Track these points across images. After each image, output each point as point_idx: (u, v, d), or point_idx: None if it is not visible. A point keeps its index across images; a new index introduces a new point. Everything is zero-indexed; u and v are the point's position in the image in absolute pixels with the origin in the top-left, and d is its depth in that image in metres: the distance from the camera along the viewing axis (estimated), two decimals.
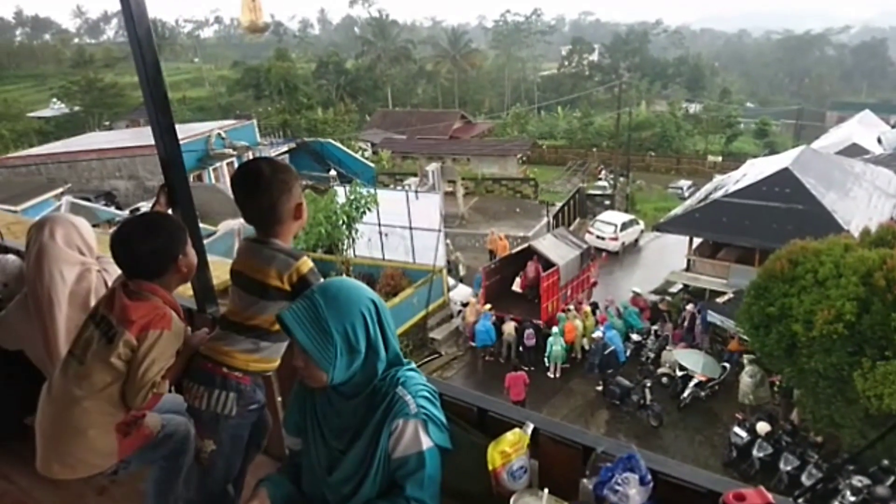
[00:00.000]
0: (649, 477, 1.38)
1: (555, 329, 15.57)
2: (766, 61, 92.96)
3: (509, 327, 16.19)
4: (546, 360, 15.61)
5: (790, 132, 51.20)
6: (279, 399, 2.51)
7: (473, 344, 16.96)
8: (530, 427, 1.63)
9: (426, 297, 17.19)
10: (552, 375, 15.64)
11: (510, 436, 1.60)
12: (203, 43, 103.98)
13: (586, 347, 15.96)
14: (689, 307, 17.23)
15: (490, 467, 1.57)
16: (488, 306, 16.72)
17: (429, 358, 17.03)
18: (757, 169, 21.88)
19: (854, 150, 29.68)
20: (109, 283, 2.56)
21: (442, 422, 1.64)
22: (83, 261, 2.58)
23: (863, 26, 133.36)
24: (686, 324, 16.84)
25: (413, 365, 1.72)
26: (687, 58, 76.25)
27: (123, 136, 32.21)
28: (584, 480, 1.46)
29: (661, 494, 1.43)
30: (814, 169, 19.99)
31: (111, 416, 2.01)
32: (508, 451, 1.58)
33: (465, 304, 18.34)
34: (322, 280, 1.89)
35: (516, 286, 18.10)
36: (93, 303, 2.49)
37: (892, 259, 10.32)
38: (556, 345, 15.34)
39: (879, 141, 34.83)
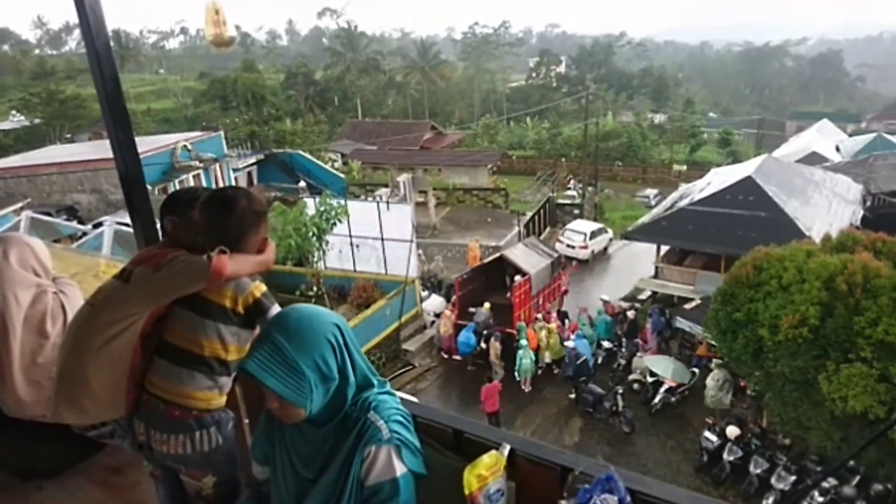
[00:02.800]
0: (628, 498, 1.35)
1: (523, 342, 15.48)
2: (728, 73, 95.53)
3: (495, 347, 15.76)
4: (516, 373, 15.47)
5: (752, 141, 52.49)
6: (246, 421, 2.43)
7: (448, 356, 16.86)
8: (507, 448, 1.60)
9: (399, 309, 17.10)
10: (524, 388, 15.62)
11: (486, 458, 1.56)
12: (168, 54, 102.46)
13: (547, 360, 15.88)
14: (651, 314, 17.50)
15: (466, 491, 1.53)
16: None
17: (402, 370, 16.93)
18: (721, 177, 22.34)
19: (814, 159, 30.56)
20: (67, 305, 2.47)
21: (416, 446, 1.59)
22: (38, 283, 2.47)
23: (819, 38, 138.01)
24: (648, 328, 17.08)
25: (387, 386, 1.68)
26: (651, 69, 77.83)
27: (85, 148, 31.44)
28: (563, 502, 1.42)
29: None
30: (775, 177, 20.49)
31: (120, 366, 1.98)
32: (485, 474, 1.54)
33: (437, 315, 18.29)
34: (274, 309, 1.86)
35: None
36: (48, 326, 2.40)
37: (852, 264, 10.60)
38: (525, 358, 15.29)
39: (838, 149, 35.94)
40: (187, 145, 28.44)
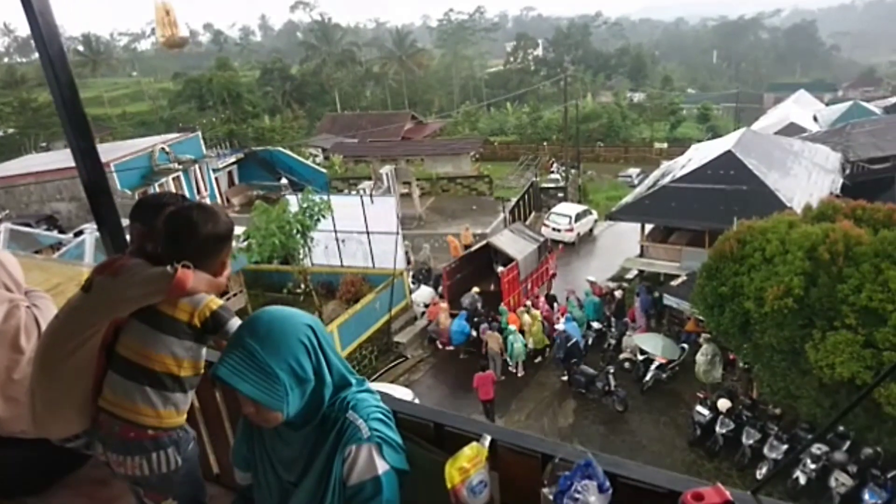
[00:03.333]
0: (608, 484, 1.35)
1: (511, 327, 15.57)
2: (704, 48, 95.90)
3: (496, 338, 15.73)
4: (508, 357, 15.60)
5: (731, 115, 52.81)
6: (228, 427, 2.41)
7: (443, 346, 16.89)
8: (487, 439, 1.59)
9: (388, 301, 17.09)
10: (515, 371, 15.69)
11: (468, 450, 1.55)
12: (141, 56, 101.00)
13: (529, 346, 15.80)
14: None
15: (448, 485, 1.52)
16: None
17: (395, 362, 16.95)
18: (701, 153, 22.46)
19: (792, 130, 30.80)
20: (41, 319, 2.43)
21: (397, 443, 1.58)
22: (11, 297, 2.43)
23: (793, 9, 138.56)
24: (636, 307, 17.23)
25: (365, 384, 1.66)
26: (628, 48, 77.97)
27: (62, 156, 30.92)
28: (545, 490, 1.42)
29: (622, 497, 1.41)
30: (755, 150, 20.62)
31: (86, 377, 1.94)
32: (467, 466, 1.53)
33: (427, 306, 18.30)
34: (233, 321, 1.84)
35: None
36: (22, 341, 2.35)
37: (834, 233, 10.72)
38: (515, 342, 15.37)
39: (815, 119, 36.23)
40: (165, 148, 28.12)
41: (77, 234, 19.90)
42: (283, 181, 30.68)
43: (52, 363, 1.92)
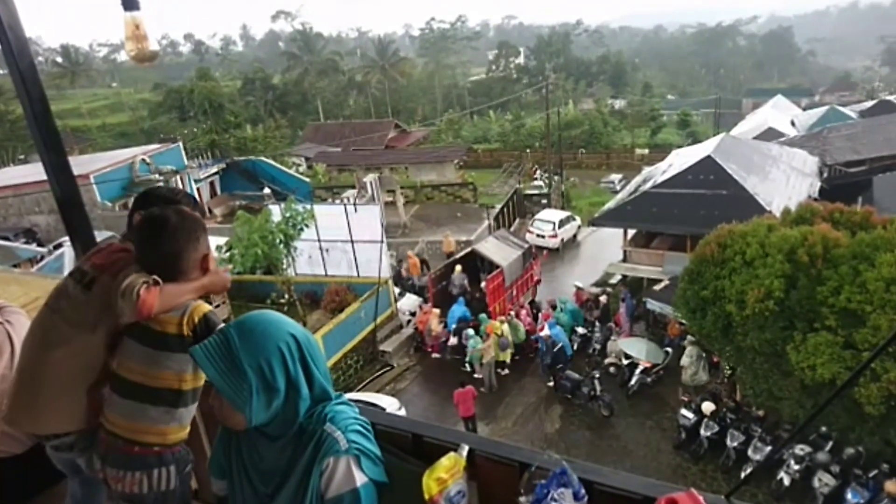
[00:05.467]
0: (583, 491, 1.36)
1: (470, 332, 15.77)
2: (683, 54, 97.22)
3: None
4: (468, 362, 15.76)
5: (710, 121, 53.50)
6: (205, 440, 2.39)
7: (435, 351, 16.88)
8: (465, 449, 1.59)
9: (374, 310, 17.03)
10: (473, 373, 15.67)
11: (445, 461, 1.55)
12: (120, 66, 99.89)
13: (500, 358, 15.63)
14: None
15: (426, 496, 1.52)
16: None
17: (381, 371, 16.87)
18: (681, 158, 22.71)
19: (770, 134, 31.32)
20: (14, 335, 2.40)
21: (376, 455, 1.57)
22: None
23: (769, 16, 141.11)
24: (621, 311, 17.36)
25: (344, 398, 1.65)
26: (608, 56, 78.72)
27: (41, 169, 30.55)
28: (521, 499, 1.43)
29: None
30: (734, 154, 20.90)
31: (81, 374, 1.92)
32: (444, 476, 1.53)
33: (413, 314, 18.27)
34: (220, 322, 1.81)
35: None
36: None
37: (812, 235, 10.87)
38: (475, 346, 15.51)
39: (793, 123, 36.86)
40: (146, 159, 27.90)
41: (56, 248, 19.65)
42: (266, 191, 30.54)
43: (48, 357, 1.90)
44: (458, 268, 17.37)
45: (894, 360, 9.32)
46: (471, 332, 15.75)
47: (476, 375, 15.57)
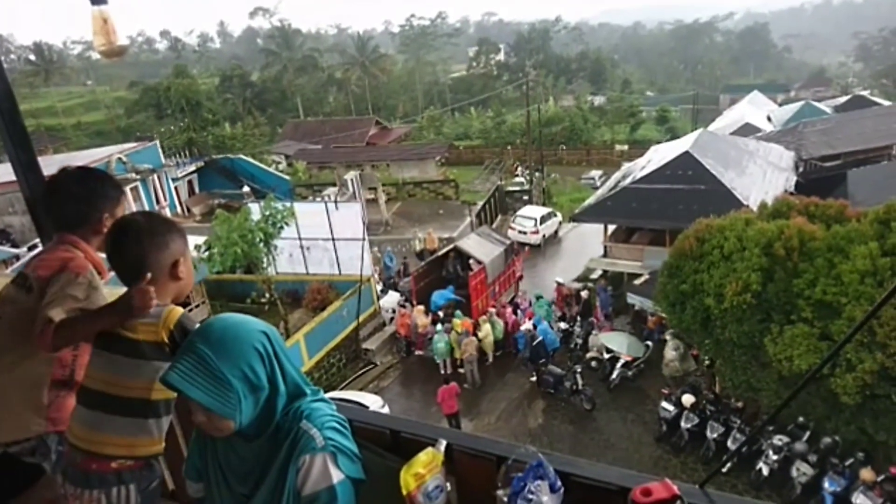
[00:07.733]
0: (559, 483, 1.37)
1: (447, 325, 15.86)
2: (661, 51, 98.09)
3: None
4: (435, 356, 15.84)
5: (688, 117, 54.04)
6: (182, 441, 2.36)
7: (420, 349, 16.87)
8: (443, 444, 1.59)
9: (356, 308, 16.97)
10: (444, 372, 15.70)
11: (423, 456, 1.55)
12: (96, 64, 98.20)
13: (468, 356, 15.50)
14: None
15: (404, 492, 1.51)
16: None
17: (364, 369, 16.83)
18: (660, 154, 22.92)
19: (747, 130, 31.70)
20: None
21: (353, 452, 1.56)
22: None
23: (745, 12, 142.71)
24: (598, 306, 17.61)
25: (321, 394, 1.64)
26: (588, 52, 79.18)
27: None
28: (499, 492, 1.43)
29: (574, 496, 1.43)
30: (712, 150, 21.14)
31: (29, 380, 1.90)
32: (422, 472, 1.53)
33: (395, 311, 18.24)
34: (196, 325, 1.76)
35: None
36: None
37: (788, 229, 11.04)
38: (439, 342, 15.56)
39: (769, 119, 37.38)
40: (122, 157, 27.47)
41: (31, 249, 19.29)
42: (246, 189, 30.25)
43: (3, 362, 1.87)
44: (452, 255, 17.48)
45: (869, 350, 9.51)
46: (439, 327, 15.80)
47: (460, 370, 15.61)
